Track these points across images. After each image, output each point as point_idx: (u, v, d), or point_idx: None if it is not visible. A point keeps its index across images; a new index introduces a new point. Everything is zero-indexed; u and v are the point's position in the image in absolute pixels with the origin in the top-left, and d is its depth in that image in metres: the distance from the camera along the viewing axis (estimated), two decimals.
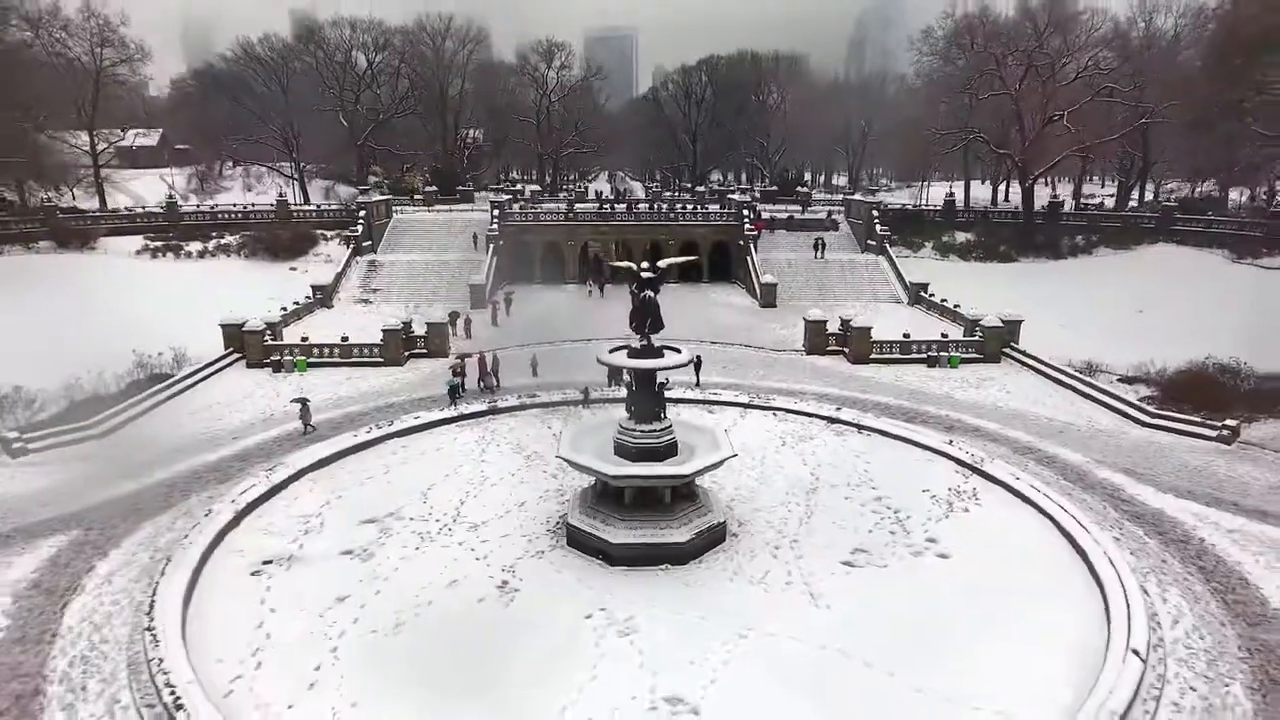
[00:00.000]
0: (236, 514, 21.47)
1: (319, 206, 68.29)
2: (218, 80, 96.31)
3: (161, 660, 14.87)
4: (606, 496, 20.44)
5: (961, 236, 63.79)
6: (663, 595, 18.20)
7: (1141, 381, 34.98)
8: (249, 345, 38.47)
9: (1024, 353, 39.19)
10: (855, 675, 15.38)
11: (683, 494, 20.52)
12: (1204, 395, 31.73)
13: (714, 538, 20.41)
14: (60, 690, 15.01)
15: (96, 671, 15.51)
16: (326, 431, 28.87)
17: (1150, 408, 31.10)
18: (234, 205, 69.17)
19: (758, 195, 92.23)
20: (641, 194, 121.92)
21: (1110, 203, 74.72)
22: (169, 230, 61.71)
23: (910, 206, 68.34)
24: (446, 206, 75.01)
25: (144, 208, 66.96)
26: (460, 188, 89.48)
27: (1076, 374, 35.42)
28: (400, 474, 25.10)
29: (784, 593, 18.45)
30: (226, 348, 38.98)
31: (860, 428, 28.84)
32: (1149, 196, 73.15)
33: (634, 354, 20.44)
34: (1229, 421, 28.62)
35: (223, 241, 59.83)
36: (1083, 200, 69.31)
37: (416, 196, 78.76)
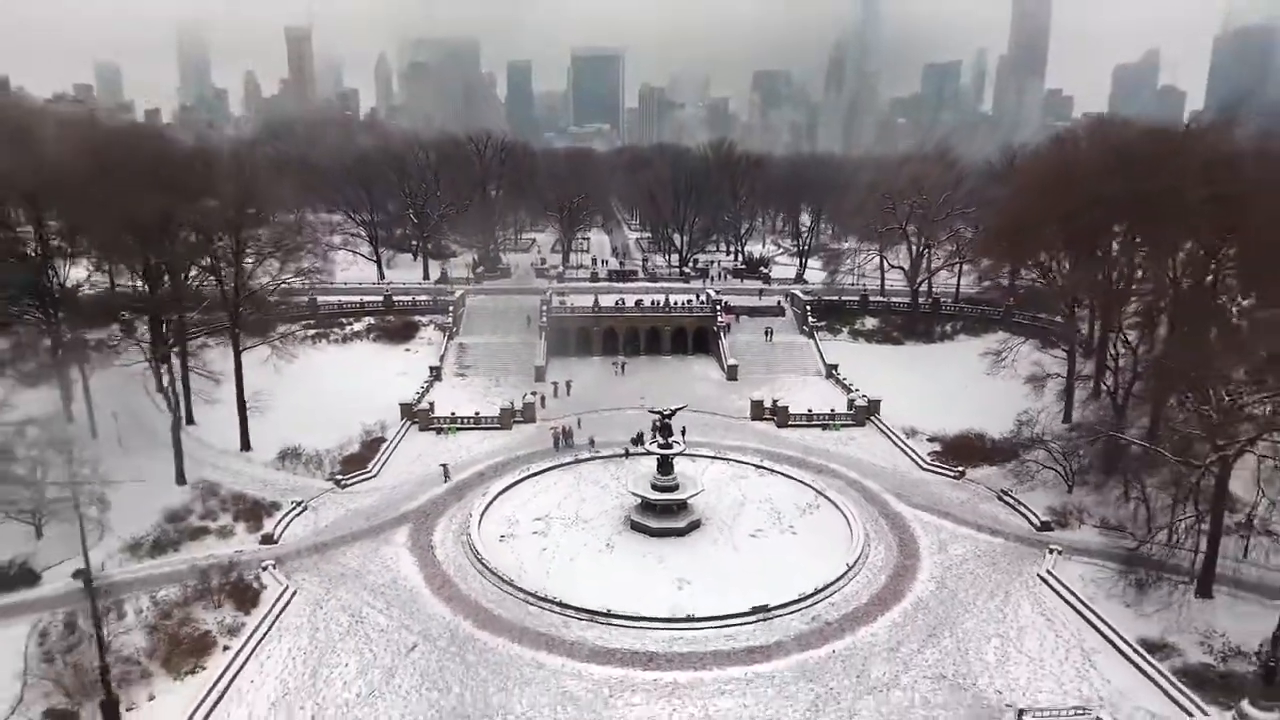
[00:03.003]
0: (480, 515, 47.48)
1: (413, 299, 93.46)
2: (304, 177, 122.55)
3: (496, 568, 40.96)
4: (649, 507, 46.64)
5: (870, 322, 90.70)
6: (674, 547, 44.43)
7: (937, 441, 61.42)
8: (418, 417, 64.42)
9: (880, 420, 65.83)
10: (752, 574, 41.51)
11: (682, 506, 46.79)
12: (962, 451, 58.38)
13: (695, 525, 46.65)
14: (456, 579, 40.96)
15: (467, 571, 41.52)
16: (491, 472, 54.83)
17: (929, 459, 57.72)
18: (353, 293, 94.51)
19: (729, 271, 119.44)
20: (633, 243, 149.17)
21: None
22: (311, 318, 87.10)
23: (837, 297, 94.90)
24: (495, 283, 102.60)
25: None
26: (499, 266, 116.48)
27: (901, 436, 62.04)
28: (542, 497, 51.16)
29: (724, 547, 44.76)
30: (402, 418, 64.77)
31: (772, 471, 55.23)
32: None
33: (661, 447, 46.61)
34: (960, 468, 55.34)
35: (354, 329, 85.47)
36: (962, 291, 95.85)
37: (471, 276, 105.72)
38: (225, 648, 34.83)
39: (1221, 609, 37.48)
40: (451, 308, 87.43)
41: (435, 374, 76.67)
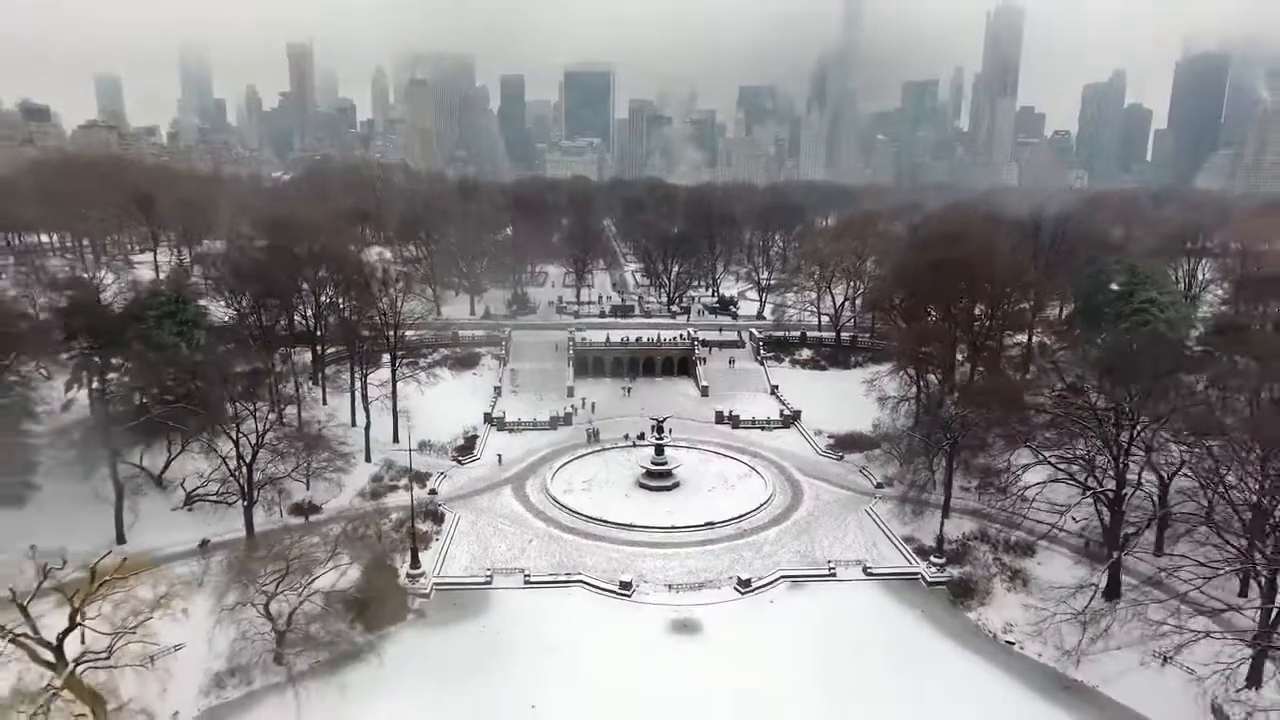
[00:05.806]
0: (551, 478, 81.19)
1: (472, 334, 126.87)
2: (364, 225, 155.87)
3: (567, 505, 74.77)
4: (650, 475, 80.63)
5: (806, 353, 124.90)
6: (665, 496, 78.41)
7: (833, 437, 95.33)
8: (495, 421, 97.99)
9: (801, 424, 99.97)
10: (707, 509, 75.27)
11: (669, 474, 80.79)
12: (847, 443, 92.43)
13: (676, 485, 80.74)
14: (545, 511, 74.58)
15: (551, 507, 75.17)
16: (550, 456, 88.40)
17: (824, 448, 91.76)
18: (426, 328, 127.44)
19: (707, 307, 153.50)
20: (629, 275, 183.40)
21: None
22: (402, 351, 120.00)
23: (784, 333, 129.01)
24: (527, 318, 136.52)
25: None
26: (528, 304, 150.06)
27: (812, 434, 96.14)
28: (585, 469, 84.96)
29: (693, 496, 78.78)
30: (484, 422, 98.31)
31: (725, 456, 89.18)
32: None
33: (656, 440, 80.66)
34: (841, 454, 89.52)
35: (434, 358, 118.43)
36: (876, 329, 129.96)
37: (508, 313, 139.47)
38: (436, 538, 68.32)
39: (952, 522, 71.33)
40: (503, 342, 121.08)
41: (498, 391, 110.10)
